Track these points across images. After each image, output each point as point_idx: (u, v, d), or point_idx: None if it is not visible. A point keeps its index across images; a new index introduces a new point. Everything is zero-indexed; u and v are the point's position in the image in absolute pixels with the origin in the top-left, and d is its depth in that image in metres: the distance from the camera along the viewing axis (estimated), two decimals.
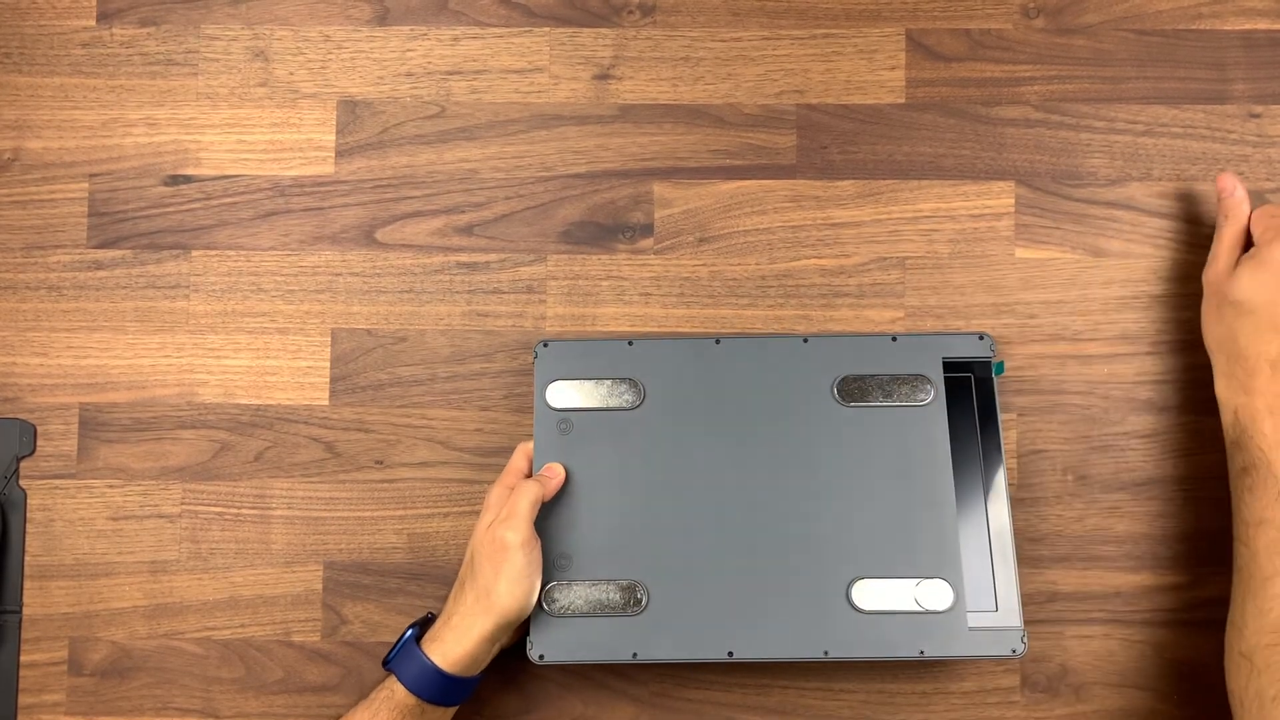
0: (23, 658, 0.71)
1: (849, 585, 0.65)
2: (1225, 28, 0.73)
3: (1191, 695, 0.68)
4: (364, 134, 0.74)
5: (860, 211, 0.73)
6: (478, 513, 0.70)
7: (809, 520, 0.66)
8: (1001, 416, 0.68)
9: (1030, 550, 0.70)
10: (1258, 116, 0.73)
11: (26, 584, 0.72)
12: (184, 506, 0.72)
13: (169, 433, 0.73)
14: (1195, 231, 0.72)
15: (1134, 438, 0.70)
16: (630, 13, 0.75)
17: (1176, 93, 0.73)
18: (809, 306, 0.72)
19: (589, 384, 0.68)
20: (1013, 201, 0.73)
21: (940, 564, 0.65)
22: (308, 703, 0.70)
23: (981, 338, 0.68)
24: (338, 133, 0.75)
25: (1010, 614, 0.65)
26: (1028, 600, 0.69)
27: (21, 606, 0.72)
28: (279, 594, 0.71)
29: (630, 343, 0.69)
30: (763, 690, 0.69)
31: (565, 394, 0.68)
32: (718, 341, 0.69)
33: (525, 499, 0.63)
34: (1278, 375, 0.62)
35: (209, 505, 0.72)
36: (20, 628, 0.72)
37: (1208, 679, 0.68)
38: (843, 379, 0.67)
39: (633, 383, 0.68)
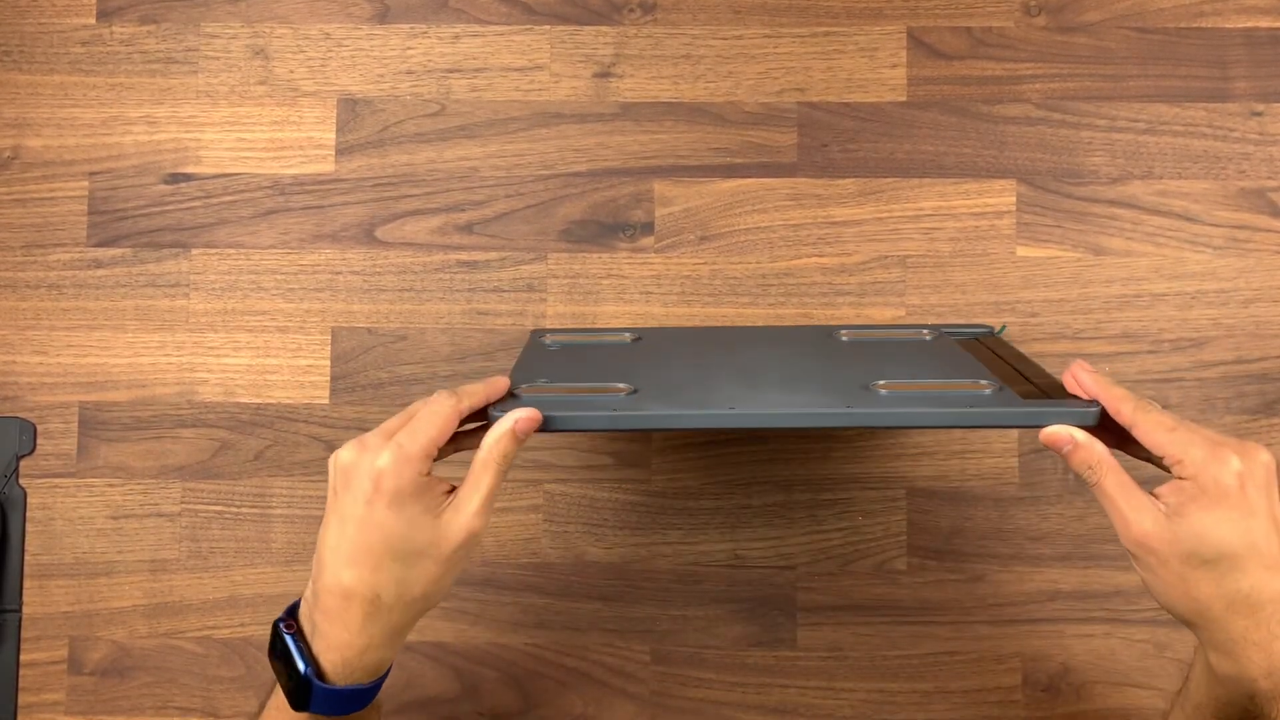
0: (23, 657, 0.71)
1: (868, 385, 0.54)
2: (1227, 25, 0.73)
3: None
4: (364, 132, 0.74)
5: (861, 210, 0.73)
6: None
7: (822, 361, 0.59)
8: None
9: (1032, 549, 0.70)
10: (1259, 114, 0.72)
11: (26, 583, 0.72)
12: (184, 505, 0.72)
13: (169, 431, 0.73)
14: (1197, 230, 0.72)
15: None
16: (631, 10, 0.75)
17: (1178, 91, 0.73)
18: (810, 305, 0.72)
19: (582, 333, 0.68)
20: (1014, 200, 0.72)
21: (975, 372, 0.56)
22: None
23: (977, 326, 0.69)
24: (338, 131, 0.74)
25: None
26: (1029, 600, 0.69)
27: (21, 605, 0.72)
28: (279, 593, 0.71)
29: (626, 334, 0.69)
30: (763, 690, 0.69)
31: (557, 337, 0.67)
32: (716, 328, 0.70)
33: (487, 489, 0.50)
34: None
35: (209, 504, 0.72)
36: (20, 627, 0.71)
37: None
38: (841, 332, 0.67)
39: (627, 330, 0.68)
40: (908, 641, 0.69)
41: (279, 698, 0.50)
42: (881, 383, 0.53)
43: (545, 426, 0.51)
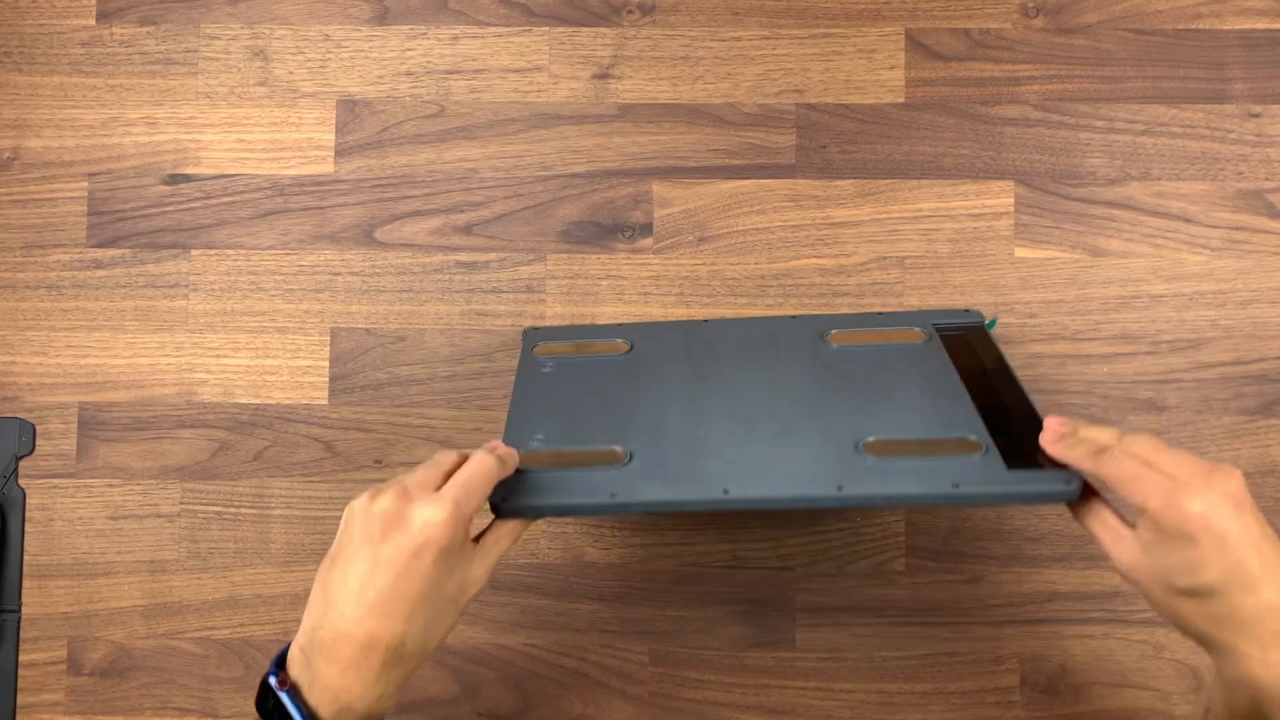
0: (22, 657, 0.71)
1: (859, 442, 0.56)
2: (1224, 27, 0.73)
3: (1191, 695, 0.68)
4: (363, 133, 0.74)
5: (860, 211, 0.73)
6: None
7: (812, 397, 0.59)
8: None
9: (1030, 550, 0.70)
10: (1257, 116, 0.73)
11: (26, 583, 0.72)
12: (183, 506, 0.72)
13: (168, 432, 0.73)
14: (1195, 231, 0.72)
15: None
16: (630, 12, 0.75)
17: (1176, 92, 0.73)
18: (808, 306, 0.72)
19: (576, 347, 0.68)
20: (1012, 201, 0.73)
21: (962, 424, 0.56)
22: None
23: (967, 312, 0.68)
24: (337, 132, 0.75)
25: (1053, 465, 0.53)
26: (1028, 600, 0.69)
27: (20, 606, 0.72)
28: (278, 593, 0.71)
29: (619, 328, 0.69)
30: (761, 691, 0.69)
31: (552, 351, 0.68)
32: (705, 323, 0.69)
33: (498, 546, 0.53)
34: None
35: (208, 505, 0.72)
36: (19, 627, 0.71)
37: (1206, 679, 0.68)
38: (831, 333, 0.66)
39: (620, 341, 0.68)
40: (906, 642, 0.70)
41: None
42: (871, 439, 0.55)
43: (548, 515, 0.54)
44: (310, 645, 0.48)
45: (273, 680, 0.48)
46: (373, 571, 0.48)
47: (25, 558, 0.72)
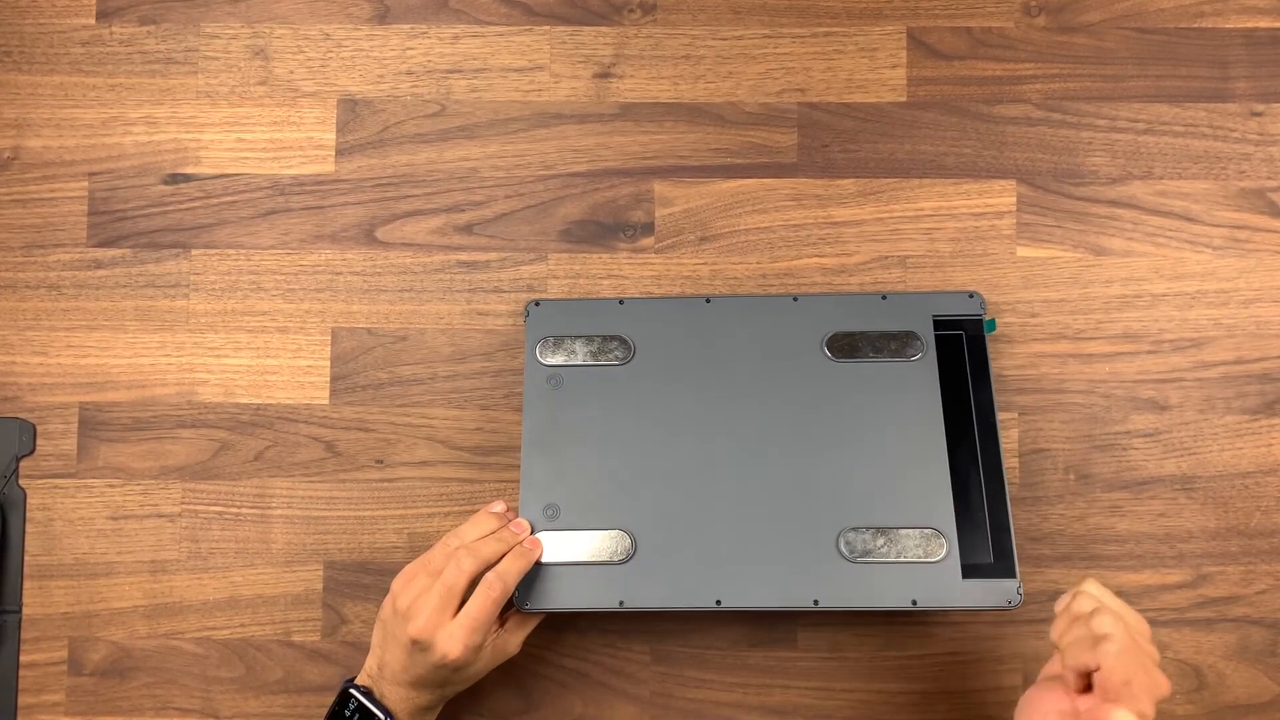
0: (22, 658, 0.71)
1: (839, 535, 0.64)
2: (1227, 26, 0.73)
3: (1192, 695, 0.68)
4: (364, 132, 0.74)
5: (861, 210, 0.73)
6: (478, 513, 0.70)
7: (799, 471, 0.66)
8: (994, 377, 0.68)
9: (1032, 549, 0.70)
10: (1259, 115, 0.72)
11: (26, 584, 0.72)
12: (184, 506, 0.72)
13: (169, 432, 0.72)
14: (1197, 230, 0.72)
15: (1135, 437, 0.70)
16: (631, 11, 0.75)
17: (1178, 91, 0.73)
18: None
19: (579, 341, 0.69)
20: (1014, 200, 0.72)
21: (932, 514, 0.64)
22: (308, 703, 0.70)
23: (971, 295, 0.69)
24: (338, 131, 0.74)
25: (1006, 566, 0.64)
26: (1029, 600, 0.69)
27: (21, 606, 0.72)
28: (279, 594, 0.71)
29: (621, 302, 0.70)
30: (763, 690, 0.69)
31: (555, 351, 0.69)
32: (708, 300, 0.69)
33: (487, 607, 0.61)
34: None
35: (209, 505, 0.72)
36: (20, 628, 0.71)
37: (1208, 679, 0.68)
38: (832, 335, 0.68)
39: (623, 340, 0.69)
40: (908, 642, 0.69)
41: None
42: (850, 531, 0.64)
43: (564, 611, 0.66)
44: (376, 671, 0.62)
45: (356, 690, 0.61)
46: (408, 665, 0.61)
47: (26, 558, 0.72)
